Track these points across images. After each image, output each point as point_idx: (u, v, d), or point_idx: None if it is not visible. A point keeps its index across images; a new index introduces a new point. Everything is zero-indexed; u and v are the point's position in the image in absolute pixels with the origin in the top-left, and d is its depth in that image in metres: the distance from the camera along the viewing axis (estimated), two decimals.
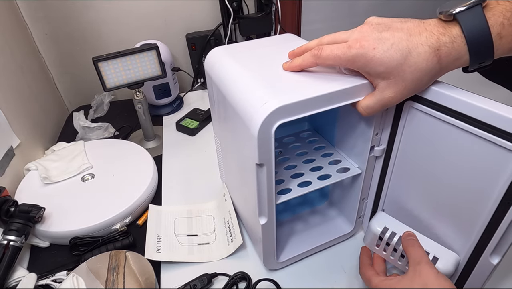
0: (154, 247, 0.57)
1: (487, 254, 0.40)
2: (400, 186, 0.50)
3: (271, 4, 1.07)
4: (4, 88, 0.75)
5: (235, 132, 0.47)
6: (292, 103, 0.38)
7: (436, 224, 0.46)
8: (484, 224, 0.39)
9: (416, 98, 0.41)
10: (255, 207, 0.46)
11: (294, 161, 0.55)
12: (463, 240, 0.42)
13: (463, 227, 0.42)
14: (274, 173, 0.42)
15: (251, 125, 0.38)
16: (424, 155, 0.44)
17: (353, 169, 0.52)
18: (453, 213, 0.43)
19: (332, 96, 0.40)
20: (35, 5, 0.93)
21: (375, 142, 0.48)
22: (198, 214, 0.66)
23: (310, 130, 0.63)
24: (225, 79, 0.47)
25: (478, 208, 0.39)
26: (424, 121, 0.41)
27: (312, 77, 0.43)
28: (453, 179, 0.41)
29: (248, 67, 0.46)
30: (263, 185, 0.43)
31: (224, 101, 0.47)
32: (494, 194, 0.36)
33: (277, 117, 0.38)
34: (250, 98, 0.41)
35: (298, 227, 0.61)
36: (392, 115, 0.45)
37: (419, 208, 0.48)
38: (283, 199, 0.48)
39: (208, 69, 0.53)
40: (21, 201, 0.60)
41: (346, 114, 0.51)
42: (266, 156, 0.40)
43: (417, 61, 0.35)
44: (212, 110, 0.59)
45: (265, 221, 0.47)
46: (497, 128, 0.34)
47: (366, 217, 0.58)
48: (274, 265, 0.55)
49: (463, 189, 0.40)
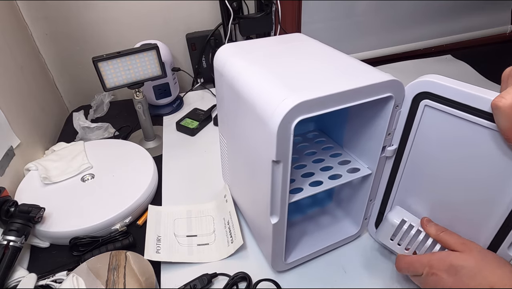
0: (154, 247, 0.57)
1: (505, 247, 0.41)
2: (410, 186, 0.49)
3: (271, 4, 1.07)
4: (4, 88, 0.75)
5: (248, 128, 0.46)
6: (312, 99, 0.37)
7: (448, 223, 0.46)
8: (501, 220, 0.39)
9: (432, 97, 0.41)
10: (267, 206, 0.45)
11: (304, 161, 0.55)
12: (478, 236, 0.43)
13: (478, 224, 0.42)
14: (289, 171, 0.42)
15: (270, 121, 0.38)
16: (438, 154, 0.43)
17: (363, 170, 0.52)
18: (467, 210, 0.43)
19: (353, 94, 0.40)
20: (35, 5, 0.93)
21: (387, 143, 0.48)
22: (197, 215, 0.66)
23: (317, 131, 0.63)
24: (239, 76, 0.46)
25: (496, 204, 0.39)
26: (440, 119, 0.41)
27: (331, 75, 0.42)
28: (471, 175, 0.41)
29: (263, 65, 0.46)
30: (277, 183, 0.42)
31: (238, 98, 0.46)
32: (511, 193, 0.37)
33: (297, 113, 0.37)
34: (269, 94, 0.40)
35: (304, 228, 0.61)
36: (406, 115, 0.45)
37: (430, 209, 0.48)
38: (296, 198, 0.47)
39: (219, 67, 0.52)
40: (21, 201, 0.60)
41: (357, 114, 0.51)
42: (283, 152, 0.40)
43: None
44: (219, 108, 0.58)
45: (276, 220, 0.46)
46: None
47: (372, 219, 0.58)
48: (281, 267, 0.54)
49: (480, 186, 0.40)
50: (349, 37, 1.28)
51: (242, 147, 0.52)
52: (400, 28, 1.31)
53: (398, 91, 0.43)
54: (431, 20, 1.32)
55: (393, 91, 0.42)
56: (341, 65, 0.46)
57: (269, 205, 0.45)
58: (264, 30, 1.09)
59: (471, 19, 1.37)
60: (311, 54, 0.50)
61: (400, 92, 0.43)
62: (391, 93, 0.42)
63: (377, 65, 1.17)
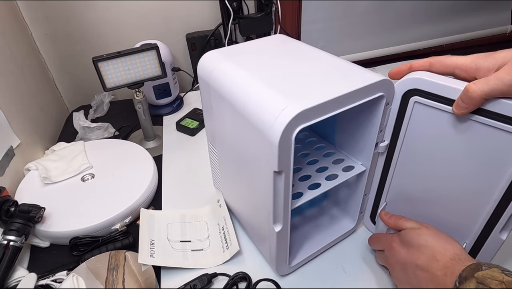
0: (148, 251, 0.56)
1: (497, 231, 0.42)
2: (403, 178, 0.50)
3: (271, 4, 1.07)
4: (4, 88, 0.75)
5: (243, 139, 0.45)
6: (312, 107, 0.36)
7: (440, 212, 0.47)
8: (494, 204, 0.41)
9: (421, 93, 0.42)
10: (269, 215, 0.45)
11: (299, 164, 0.55)
12: (470, 224, 0.45)
13: (470, 213, 0.44)
14: (291, 179, 0.41)
15: (269, 133, 0.37)
16: (430, 147, 0.44)
17: (358, 167, 0.52)
18: (461, 199, 0.44)
19: (349, 97, 0.40)
20: (35, 5, 0.93)
21: (379, 139, 0.48)
22: (191, 220, 0.64)
23: (307, 131, 0.62)
24: (229, 85, 0.45)
25: (488, 193, 0.41)
26: (430, 115, 0.42)
27: (324, 79, 0.42)
28: (461, 167, 0.42)
29: (253, 72, 0.45)
30: (279, 192, 0.42)
31: (229, 108, 0.45)
32: (504, 179, 0.38)
33: (298, 123, 0.36)
34: (266, 104, 0.39)
35: (304, 229, 0.60)
36: (396, 112, 0.46)
37: (423, 199, 0.49)
38: (298, 204, 0.47)
39: (204, 75, 0.50)
40: (21, 201, 0.60)
41: (348, 114, 0.51)
42: (285, 162, 0.39)
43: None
44: (207, 118, 0.56)
45: (280, 228, 0.46)
46: (503, 115, 0.35)
47: (367, 212, 0.59)
48: (285, 270, 0.54)
49: (472, 177, 0.41)
50: (349, 37, 1.28)
51: (236, 157, 0.50)
52: (400, 28, 1.31)
53: (388, 89, 0.43)
54: (431, 20, 1.32)
55: (384, 90, 0.43)
56: (332, 67, 0.45)
57: (271, 213, 0.44)
58: (264, 30, 1.09)
59: (471, 19, 1.37)
60: (298, 57, 0.49)
61: (391, 91, 0.44)
62: (382, 92, 0.43)
63: (377, 65, 1.17)
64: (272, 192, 0.42)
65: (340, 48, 1.29)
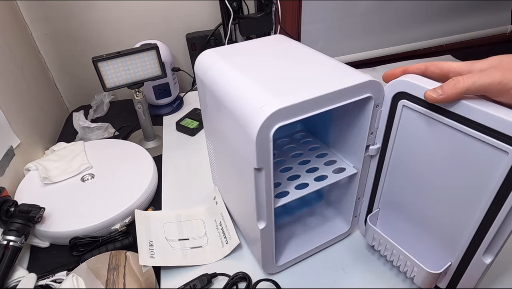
0: (148, 252, 0.56)
1: (480, 254, 0.40)
2: (395, 184, 0.50)
3: (271, 4, 1.07)
4: (4, 88, 0.75)
5: (231, 136, 0.46)
6: (290, 105, 0.37)
7: (430, 222, 0.46)
8: (477, 223, 0.39)
9: (409, 97, 0.41)
10: (253, 212, 0.46)
11: (290, 163, 0.55)
12: (457, 237, 0.43)
13: (458, 224, 0.42)
14: (272, 177, 0.42)
15: (249, 129, 0.38)
16: (417, 154, 0.44)
17: (349, 169, 0.52)
18: (447, 211, 0.43)
19: (331, 97, 0.40)
20: (35, 5, 0.94)
21: (370, 142, 0.48)
22: (186, 218, 0.65)
23: (304, 131, 0.63)
24: (220, 83, 0.46)
25: (471, 206, 0.39)
26: (417, 120, 0.41)
27: (309, 78, 0.42)
28: (445, 177, 0.41)
29: (244, 70, 0.46)
30: (261, 189, 0.43)
31: (219, 105, 0.46)
32: (487, 194, 0.37)
33: (276, 120, 0.37)
34: (248, 101, 0.40)
35: (295, 229, 0.61)
36: (387, 114, 0.45)
37: (414, 206, 0.48)
38: (281, 202, 0.47)
39: (200, 74, 0.51)
40: (21, 201, 0.60)
41: (340, 114, 0.51)
42: (264, 159, 0.40)
43: None
44: (204, 115, 0.58)
45: (264, 225, 0.47)
46: (490, 128, 0.34)
47: (362, 216, 0.58)
48: (272, 269, 0.54)
49: (456, 188, 0.40)
50: (349, 37, 1.28)
51: (228, 153, 0.52)
52: (399, 28, 1.31)
53: (377, 91, 0.43)
54: (431, 20, 1.32)
55: (372, 92, 0.43)
56: (322, 67, 0.46)
57: (255, 210, 0.45)
58: (264, 30, 1.09)
59: (471, 19, 1.37)
60: (292, 57, 0.50)
61: (380, 92, 0.43)
62: (370, 93, 0.42)
63: (377, 65, 1.17)
64: (253, 189, 0.42)
65: (340, 48, 1.29)
